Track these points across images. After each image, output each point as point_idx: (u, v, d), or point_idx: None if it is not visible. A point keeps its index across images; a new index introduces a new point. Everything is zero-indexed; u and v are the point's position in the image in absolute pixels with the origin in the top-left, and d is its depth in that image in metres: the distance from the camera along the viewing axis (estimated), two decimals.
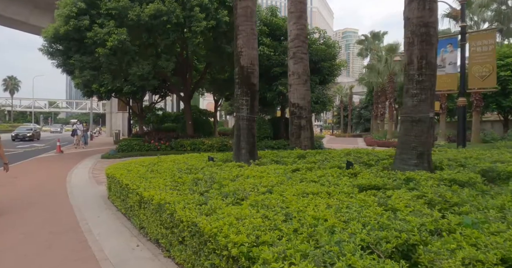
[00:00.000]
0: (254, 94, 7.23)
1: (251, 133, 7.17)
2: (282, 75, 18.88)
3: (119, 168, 6.78)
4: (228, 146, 18.38)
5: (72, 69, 16.35)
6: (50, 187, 8.53)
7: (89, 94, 27.96)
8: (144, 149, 17.93)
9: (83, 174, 10.58)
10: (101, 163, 13.82)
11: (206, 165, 6.43)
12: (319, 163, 6.19)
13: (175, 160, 7.54)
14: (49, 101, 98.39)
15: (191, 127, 20.62)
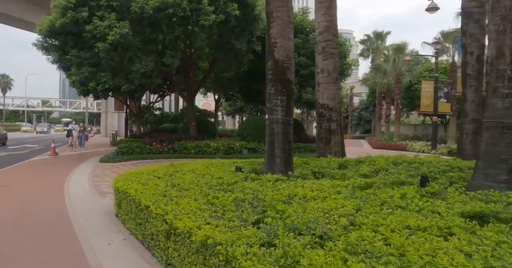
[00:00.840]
0: (290, 93, 6.17)
1: (286, 139, 6.10)
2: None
3: (130, 180, 5.65)
4: (234, 149, 17.31)
5: (69, 66, 15.14)
6: (46, 200, 7.36)
7: (85, 93, 26.72)
8: (145, 152, 16.77)
9: (83, 182, 9.41)
10: (101, 168, 12.64)
11: (238, 178, 5.33)
12: (376, 177, 5.13)
13: (195, 170, 6.42)
14: (42, 100, 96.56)
15: (194, 128, 19.48)
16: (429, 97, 24.69)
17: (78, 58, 14.16)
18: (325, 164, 6.48)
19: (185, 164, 7.83)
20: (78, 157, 17.10)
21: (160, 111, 36.30)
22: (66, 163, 14.35)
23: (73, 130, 21.51)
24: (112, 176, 10.57)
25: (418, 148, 25.64)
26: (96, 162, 14.67)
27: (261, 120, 18.48)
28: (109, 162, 14.47)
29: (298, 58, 17.70)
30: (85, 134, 22.39)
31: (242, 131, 18.39)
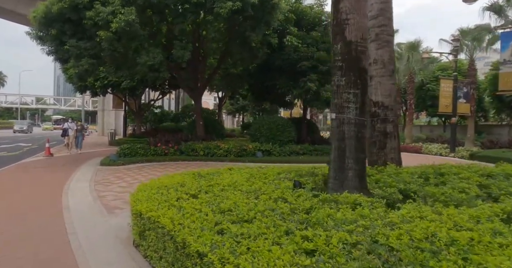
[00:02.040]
0: (365, 85, 4.72)
1: (360, 146, 4.63)
2: (311, 70, 16.38)
3: (156, 201, 4.16)
4: (247, 151, 15.84)
5: (67, 58, 13.58)
6: (40, 219, 5.83)
7: (82, 89, 25.13)
8: (150, 154, 15.24)
9: (84, 193, 7.89)
10: (103, 173, 11.11)
11: (309, 200, 3.86)
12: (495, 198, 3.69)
13: (235, 185, 4.94)
14: (36, 98, 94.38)
15: (202, 128, 17.97)
16: (448, 97, 23.38)
17: (77, 48, 12.62)
18: (407, 178, 5.00)
19: (215, 173, 6.35)
20: (76, 159, 15.53)
21: (160, 110, 34.71)
22: (62, 166, 12.80)
23: (69, 129, 18.93)
24: (117, 184, 9.06)
25: (434, 151, 24.32)
26: (96, 165, 13.13)
27: (275, 119, 17.04)
28: (111, 165, 12.93)
29: (317, 53, 16.26)
30: (82, 134, 19.82)
31: (255, 131, 16.92)
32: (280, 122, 16.87)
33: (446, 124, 36.75)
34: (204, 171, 6.84)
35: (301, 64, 16.19)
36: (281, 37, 15.95)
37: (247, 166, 13.46)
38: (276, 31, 16.03)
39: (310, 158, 16.05)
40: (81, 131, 19.63)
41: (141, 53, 12.61)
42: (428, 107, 32.63)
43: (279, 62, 16.49)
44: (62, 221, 5.56)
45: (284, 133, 16.71)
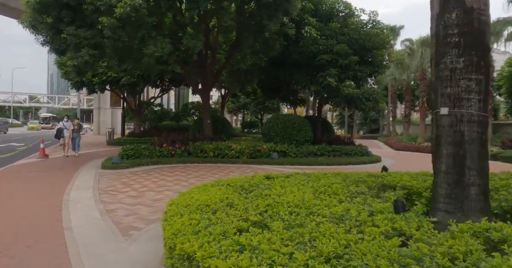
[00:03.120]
0: (488, 68, 3.42)
1: (485, 152, 3.34)
2: (330, 65, 15.08)
3: (205, 233, 2.82)
4: (261, 152, 14.51)
5: (64, 48, 12.17)
6: (35, 250, 4.45)
7: (79, 86, 23.63)
8: (155, 155, 13.87)
9: (88, 206, 6.51)
10: (106, 178, 9.73)
11: (458, 241, 2.55)
12: None
13: (307, 206, 3.60)
14: (29, 96, 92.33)
15: (210, 127, 16.61)
16: None
17: (76, 37, 11.21)
18: None
19: (256, 184, 5.04)
20: (73, 161, 14.10)
21: (159, 108, 33.26)
22: (59, 170, 11.39)
23: (65, 129, 15.82)
24: (126, 193, 7.70)
25: None
26: (97, 168, 11.74)
27: (291, 118, 15.73)
28: (114, 169, 11.55)
29: (337, 46, 14.96)
30: (80, 134, 16.98)
31: (269, 130, 15.59)
32: (295, 120, 15.55)
33: None
34: (237, 180, 5.55)
35: (320, 57, 14.87)
36: (298, 28, 14.63)
37: (266, 170, 12.16)
38: (293, 21, 14.69)
39: (330, 159, 14.80)
40: (79, 131, 16.88)
41: (148, 43, 11.23)
42: None
43: (296, 56, 15.17)
44: (65, 253, 4.17)
45: (301, 132, 15.40)
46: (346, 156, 16.02)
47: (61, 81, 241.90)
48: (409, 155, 21.44)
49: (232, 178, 5.84)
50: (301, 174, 6.67)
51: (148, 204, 6.67)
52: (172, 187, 8.57)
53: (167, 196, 7.42)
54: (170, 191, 7.98)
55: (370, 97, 15.84)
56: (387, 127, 49.02)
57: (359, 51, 15.77)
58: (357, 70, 15.66)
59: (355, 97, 15.35)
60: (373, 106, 16.18)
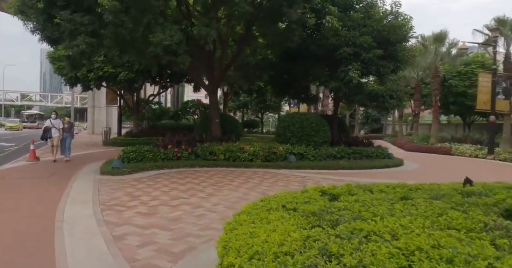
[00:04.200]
0: None
1: None
2: (352, 58, 13.70)
3: None
4: (277, 154, 13.11)
5: (57, 36, 10.62)
6: None
7: (73, 82, 22.01)
8: (160, 158, 12.40)
9: (89, 229, 5.03)
10: (107, 188, 8.24)
11: None
12: None
13: (440, 255, 2.20)
14: (21, 94, 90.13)
15: (218, 126, 15.15)
16: (486, 93, 20.99)
17: (71, 23, 9.69)
18: None
19: (344, 207, 3.59)
20: (67, 165, 12.58)
21: (158, 106, 31.71)
22: (51, 177, 9.87)
23: (53, 128, 13.28)
24: (134, 209, 6.23)
25: (468, 152, 21.96)
26: (94, 174, 10.24)
27: (308, 116, 14.33)
28: (115, 175, 10.04)
29: (360, 38, 13.58)
30: (71, 134, 14.36)
31: (284, 130, 14.17)
32: (313, 119, 14.16)
33: (467, 123, 34.66)
34: (288, 198, 4.14)
35: (341, 50, 13.47)
36: (318, 18, 13.23)
37: (286, 175, 10.75)
38: (312, 10, 13.27)
39: (351, 163, 13.43)
40: (70, 131, 14.17)
41: (154, 30, 9.74)
42: (450, 104, 30.29)
43: (314, 48, 13.75)
44: None
45: (319, 133, 14.01)
46: (367, 159, 14.68)
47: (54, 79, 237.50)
48: (427, 157, 20.17)
49: (283, 196, 4.41)
50: (360, 187, 5.27)
51: (165, 226, 5.23)
52: (188, 199, 7.11)
53: (186, 213, 5.98)
54: (187, 206, 6.53)
55: (394, 94, 14.49)
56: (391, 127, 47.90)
57: (383, 44, 14.38)
58: (380, 65, 14.29)
59: (379, 94, 13.97)
60: (396, 104, 14.85)
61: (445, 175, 12.58)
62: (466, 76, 29.35)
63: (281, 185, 9.05)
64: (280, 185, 9.04)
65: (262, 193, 7.89)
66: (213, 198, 7.31)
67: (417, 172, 13.00)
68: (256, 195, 7.66)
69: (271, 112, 49.68)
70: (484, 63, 30.01)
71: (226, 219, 5.61)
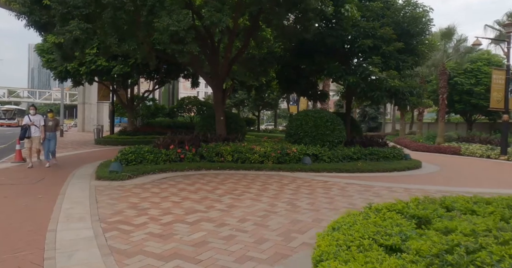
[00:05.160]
0: None
1: None
2: (372, 51, 12.61)
3: None
4: (291, 155, 11.96)
5: (46, 21, 9.29)
6: None
7: (63, 77, 20.55)
8: (161, 160, 11.16)
9: (91, 260, 3.82)
10: (107, 198, 6.98)
11: None
12: None
13: None
14: (9, 90, 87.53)
15: (223, 125, 13.94)
16: (500, 91, 20.10)
17: (62, 5, 8.38)
18: None
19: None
20: (56, 168, 11.25)
21: (152, 103, 30.28)
22: (39, 182, 8.57)
23: (33, 126, 10.96)
24: (144, 228, 5.01)
25: (478, 153, 21.07)
26: (90, 179, 8.95)
27: (322, 114, 13.17)
28: (113, 180, 8.77)
29: (380, 29, 12.49)
30: (56, 134, 11.69)
31: (297, 129, 13.01)
32: (328, 117, 13.01)
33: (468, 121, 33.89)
34: (396, 219, 2.98)
35: (360, 42, 12.36)
36: (336, 6, 12.08)
37: (304, 179, 9.59)
38: None
39: (369, 165, 12.34)
40: (55, 130, 11.55)
41: (160, 14, 8.47)
42: (455, 103, 29.48)
43: (331, 40, 12.61)
44: None
45: (334, 132, 12.88)
46: (384, 160, 13.66)
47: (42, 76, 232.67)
48: (438, 157, 19.21)
49: (360, 223, 3.26)
50: (434, 201, 4.15)
51: (190, 255, 4.03)
52: (207, 213, 5.91)
53: (210, 234, 4.79)
54: (208, 223, 5.34)
55: (414, 91, 13.43)
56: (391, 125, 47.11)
57: (402, 36, 13.33)
58: (398, 59, 13.23)
59: (400, 91, 12.90)
60: (417, 102, 13.78)
61: (474, 179, 11.59)
62: (472, 74, 28.57)
63: (306, 193, 7.89)
64: (305, 193, 7.88)
65: (291, 204, 6.73)
66: (235, 210, 6.12)
67: (442, 175, 11.96)
68: (284, 207, 6.50)
69: (267, 109, 48.50)
70: (490, 60, 29.27)
71: (263, 244, 4.46)
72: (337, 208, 6.56)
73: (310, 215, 6.01)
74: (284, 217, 5.82)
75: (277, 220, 5.60)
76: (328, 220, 5.68)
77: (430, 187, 9.25)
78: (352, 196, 7.74)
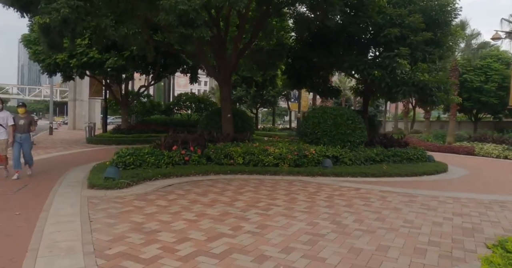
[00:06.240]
0: None
1: None
2: (399, 41, 11.31)
3: None
4: (309, 158, 10.61)
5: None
6: None
7: (51, 70, 18.92)
8: (164, 163, 9.72)
9: None
10: (103, 215, 5.54)
11: None
12: None
13: None
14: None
15: (231, 123, 12.56)
16: None
17: None
18: None
19: None
20: (41, 172, 9.75)
21: (148, 99, 28.69)
22: (19, 192, 7.10)
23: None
24: (154, 262, 3.60)
25: (495, 153, 19.97)
26: (81, 189, 7.49)
27: (342, 112, 11.86)
28: (110, 189, 7.31)
29: (408, 18, 11.20)
30: (30, 135, 8.94)
31: (314, 128, 11.66)
32: (349, 115, 11.70)
33: (472, 120, 32.90)
34: None
35: (387, 31, 11.04)
36: None
37: (333, 187, 8.23)
38: None
39: (395, 168, 11.05)
40: (28, 130, 8.70)
41: None
42: (464, 100, 28.39)
43: (354, 29, 11.27)
44: None
45: (356, 131, 11.56)
46: (407, 162, 12.41)
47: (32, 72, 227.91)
48: (455, 158, 17.98)
49: None
50: None
51: None
52: (235, 238, 4.52)
53: None
54: (242, 255, 3.96)
55: (441, 87, 12.16)
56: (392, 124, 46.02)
57: (430, 26, 12.04)
58: (425, 51, 11.95)
59: (428, 86, 11.62)
60: (445, 99, 12.51)
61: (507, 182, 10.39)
62: (481, 71, 27.52)
63: (344, 206, 6.54)
64: (342, 206, 6.53)
65: (335, 223, 5.38)
66: (271, 233, 4.75)
67: (478, 180, 10.70)
68: (329, 227, 5.14)
69: (265, 107, 47.10)
70: (500, 56, 28.26)
71: None
72: (395, 228, 5.22)
73: (368, 239, 4.66)
74: (337, 243, 4.46)
75: (331, 249, 4.24)
76: (395, 247, 4.34)
77: (479, 196, 7.98)
78: (400, 210, 6.41)
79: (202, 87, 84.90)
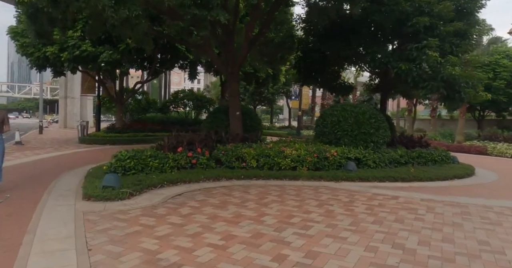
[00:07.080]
0: None
1: None
2: (427, 32, 10.25)
3: None
4: (330, 160, 9.52)
5: None
6: None
7: (41, 64, 17.55)
8: (169, 166, 8.55)
9: None
10: (105, 241, 4.36)
11: None
12: None
13: None
14: None
15: (240, 121, 11.41)
16: None
17: None
18: None
19: None
20: (23, 184, 8.52)
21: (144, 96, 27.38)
22: (1, 206, 5.90)
23: None
24: None
25: (509, 153, 19.14)
26: (75, 200, 6.29)
27: (364, 109, 10.76)
28: (109, 201, 6.13)
29: (437, 5, 10.15)
30: (1, 136, 6.83)
31: (333, 127, 10.56)
32: (371, 113, 10.62)
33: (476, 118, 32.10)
34: None
35: (415, 20, 9.97)
36: None
37: (366, 195, 7.03)
38: None
39: (425, 171, 10.00)
40: (1, 131, 6.86)
41: None
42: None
43: (379, 17, 10.18)
44: None
45: (379, 130, 10.48)
46: (432, 164, 11.40)
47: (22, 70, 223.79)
48: (471, 158, 16.98)
49: None
50: None
51: None
52: None
53: None
54: None
55: (470, 83, 11.15)
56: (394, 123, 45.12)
57: (457, 15, 11.02)
58: (452, 43, 10.92)
59: (457, 82, 10.59)
60: (473, 95, 11.50)
61: None
62: (489, 68, 26.63)
63: (394, 221, 5.45)
64: (391, 221, 5.44)
65: (398, 247, 4.27)
66: (326, 265, 3.64)
67: None
68: (393, 253, 4.03)
69: (263, 105, 45.99)
70: (508, 53, 27.43)
71: None
72: (475, 254, 4.14)
73: None
74: None
75: None
76: None
77: None
78: (462, 226, 5.34)
79: (196, 85, 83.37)
